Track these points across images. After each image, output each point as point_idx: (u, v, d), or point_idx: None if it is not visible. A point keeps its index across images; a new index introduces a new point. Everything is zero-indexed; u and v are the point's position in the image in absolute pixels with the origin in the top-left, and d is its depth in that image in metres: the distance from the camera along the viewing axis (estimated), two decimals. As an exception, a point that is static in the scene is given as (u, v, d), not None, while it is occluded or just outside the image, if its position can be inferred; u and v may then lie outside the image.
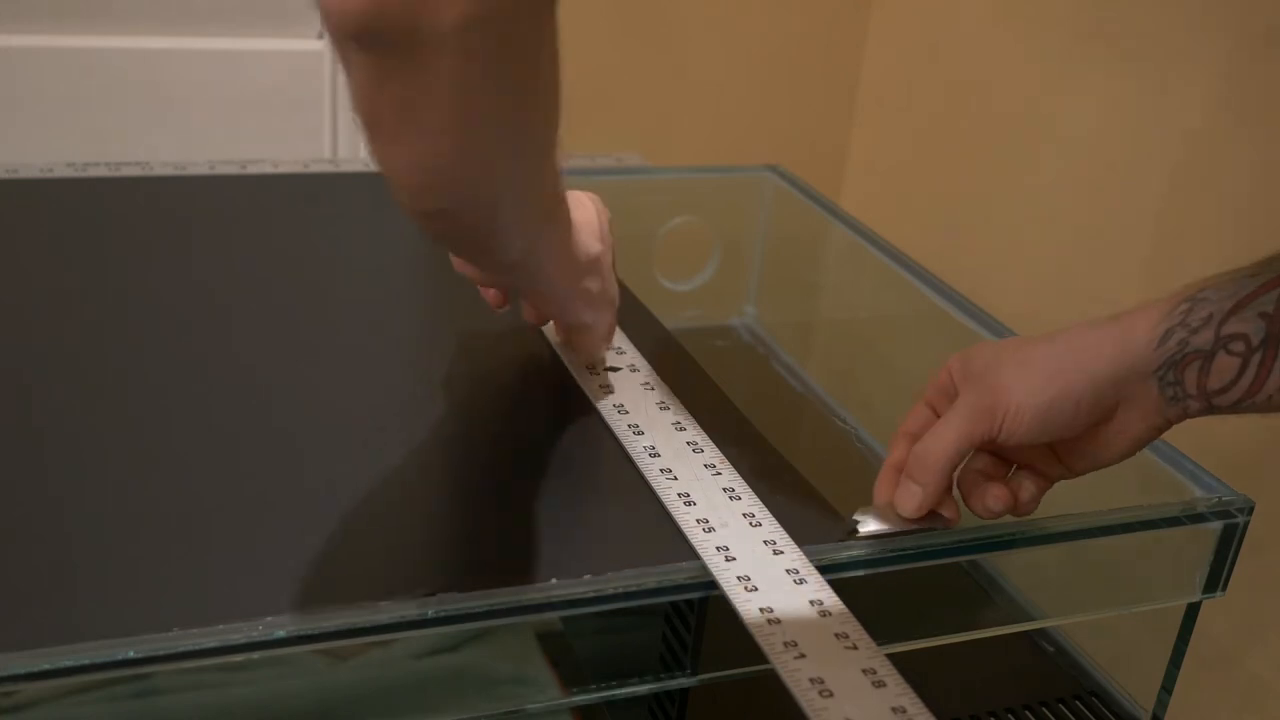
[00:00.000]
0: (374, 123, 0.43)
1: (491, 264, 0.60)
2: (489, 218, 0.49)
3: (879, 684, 0.46)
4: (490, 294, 0.68)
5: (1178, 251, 0.91)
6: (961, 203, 1.13)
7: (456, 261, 0.62)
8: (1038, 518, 0.59)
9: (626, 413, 0.65)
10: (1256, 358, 0.54)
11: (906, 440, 0.60)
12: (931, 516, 0.58)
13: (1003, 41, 1.07)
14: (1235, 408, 0.56)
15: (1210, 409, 0.56)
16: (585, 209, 0.63)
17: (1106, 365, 0.56)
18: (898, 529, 0.58)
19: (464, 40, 0.40)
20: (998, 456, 0.60)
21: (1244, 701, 0.89)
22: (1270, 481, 0.73)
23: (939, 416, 0.59)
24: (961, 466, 0.59)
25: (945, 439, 0.57)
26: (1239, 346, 0.54)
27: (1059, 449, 0.59)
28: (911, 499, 0.57)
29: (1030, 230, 1.04)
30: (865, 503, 0.59)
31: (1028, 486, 0.59)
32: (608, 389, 0.67)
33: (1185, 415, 0.57)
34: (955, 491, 0.59)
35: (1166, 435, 0.66)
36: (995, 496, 0.58)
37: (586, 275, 0.62)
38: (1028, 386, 0.56)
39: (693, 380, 0.70)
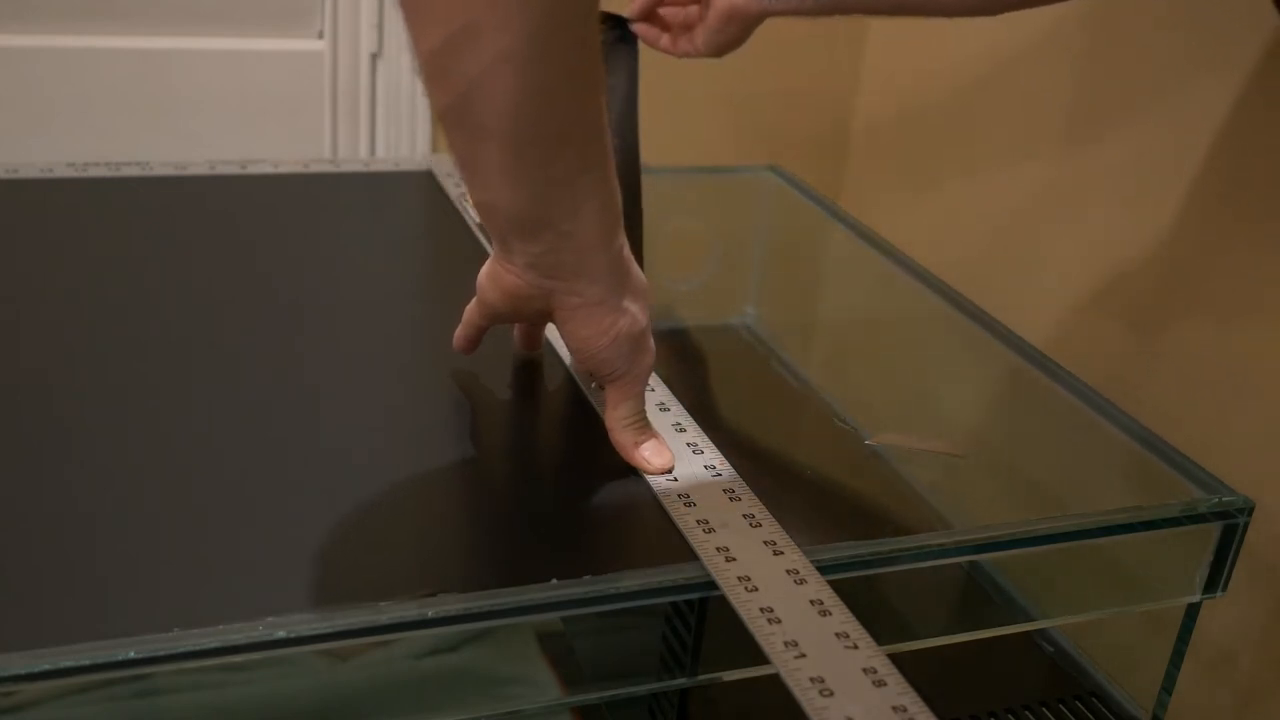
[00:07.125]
0: None
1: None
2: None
3: (879, 683, 0.46)
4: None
5: (1181, 248, 0.90)
6: (961, 203, 1.12)
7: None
8: (1038, 518, 0.59)
9: (626, 413, 0.65)
10: None
11: None
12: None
13: (1003, 41, 1.07)
14: None
15: None
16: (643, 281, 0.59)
17: None
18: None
19: None
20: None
21: (1244, 701, 0.89)
22: (1270, 481, 0.73)
23: None
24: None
25: None
26: None
27: None
28: None
29: (1030, 229, 1.04)
30: (865, 506, 0.59)
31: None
32: (608, 389, 0.67)
33: None
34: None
35: (1167, 435, 0.66)
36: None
37: (628, 295, 0.57)
38: None
39: (693, 381, 0.70)
